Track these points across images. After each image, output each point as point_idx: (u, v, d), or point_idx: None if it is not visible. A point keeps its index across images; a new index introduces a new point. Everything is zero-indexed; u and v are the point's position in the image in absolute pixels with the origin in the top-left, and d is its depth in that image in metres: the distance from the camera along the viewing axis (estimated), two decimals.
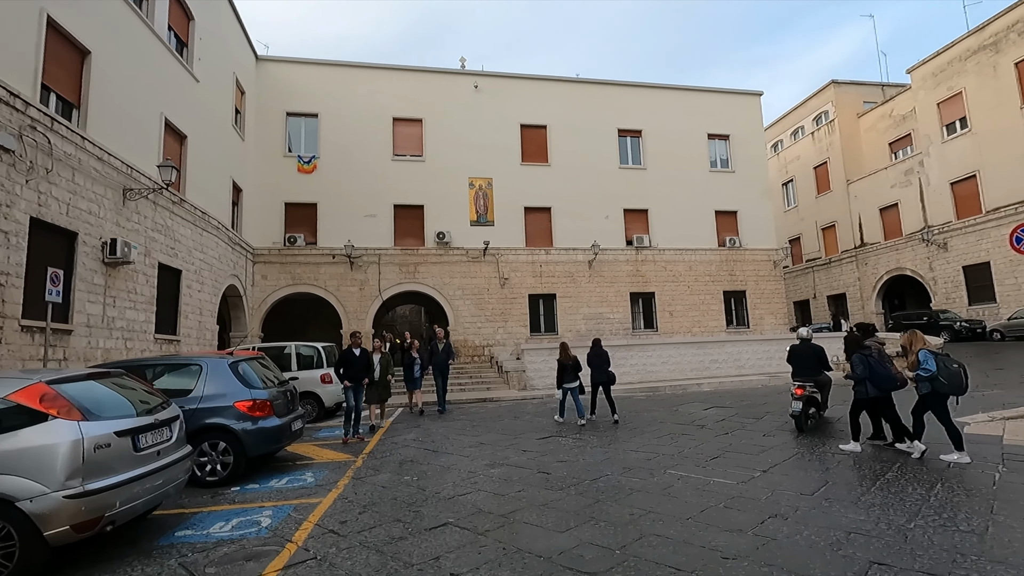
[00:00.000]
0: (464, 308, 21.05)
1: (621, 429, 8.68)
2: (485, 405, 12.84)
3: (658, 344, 17.01)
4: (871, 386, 6.48)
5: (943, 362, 5.99)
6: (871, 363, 6.51)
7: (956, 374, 5.92)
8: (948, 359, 6.05)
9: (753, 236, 24.10)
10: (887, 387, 6.47)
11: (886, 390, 6.49)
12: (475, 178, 21.87)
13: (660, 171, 23.56)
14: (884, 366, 6.51)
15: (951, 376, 5.91)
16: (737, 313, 23.75)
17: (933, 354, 6.03)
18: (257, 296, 19.65)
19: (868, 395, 6.52)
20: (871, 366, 6.49)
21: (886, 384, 6.44)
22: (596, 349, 10.07)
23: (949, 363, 5.99)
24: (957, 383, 5.91)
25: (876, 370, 6.47)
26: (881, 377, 6.43)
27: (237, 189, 18.56)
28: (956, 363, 6.02)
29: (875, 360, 6.53)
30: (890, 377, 6.45)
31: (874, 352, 6.70)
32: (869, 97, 29.95)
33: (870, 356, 6.56)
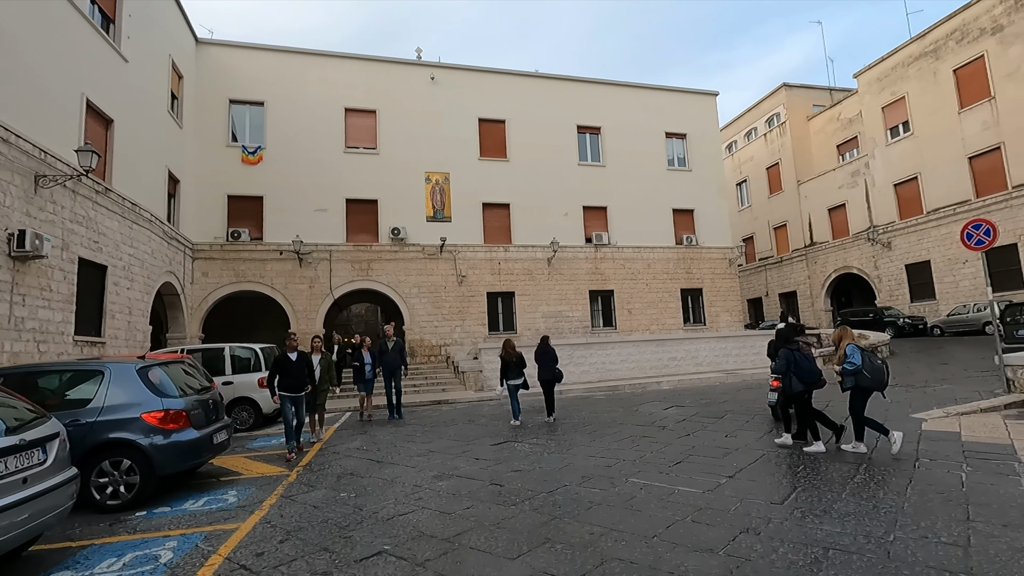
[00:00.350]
0: (420, 307, 20.31)
1: (580, 432, 8.21)
2: (439, 408, 12.19)
3: (617, 342, 16.75)
4: (796, 380, 6.53)
5: (868, 357, 6.12)
6: (796, 358, 6.58)
7: (879, 369, 6.06)
8: (872, 355, 6.19)
9: (709, 234, 24.25)
10: (810, 380, 6.53)
11: (809, 384, 6.55)
12: (432, 172, 21.14)
13: (619, 168, 23.40)
14: (809, 361, 6.64)
15: (874, 371, 6.04)
16: (694, 311, 23.84)
17: (859, 349, 6.14)
18: (197, 295, 18.38)
19: (793, 390, 6.58)
20: (796, 361, 6.56)
21: (809, 378, 6.51)
22: (543, 347, 9.95)
23: (873, 359, 6.14)
24: (879, 378, 6.06)
25: (801, 364, 6.54)
26: (805, 371, 6.50)
27: (174, 180, 17.27)
28: (880, 359, 6.19)
29: (800, 355, 6.61)
30: (813, 371, 6.54)
31: (800, 348, 6.82)
32: (818, 101, 30.73)
33: (796, 351, 6.65)
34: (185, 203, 18.00)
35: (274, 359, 7.87)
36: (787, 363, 6.60)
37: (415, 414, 11.23)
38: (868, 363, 6.08)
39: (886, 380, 6.15)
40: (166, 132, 16.68)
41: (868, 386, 6.11)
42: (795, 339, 6.98)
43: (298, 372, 7.63)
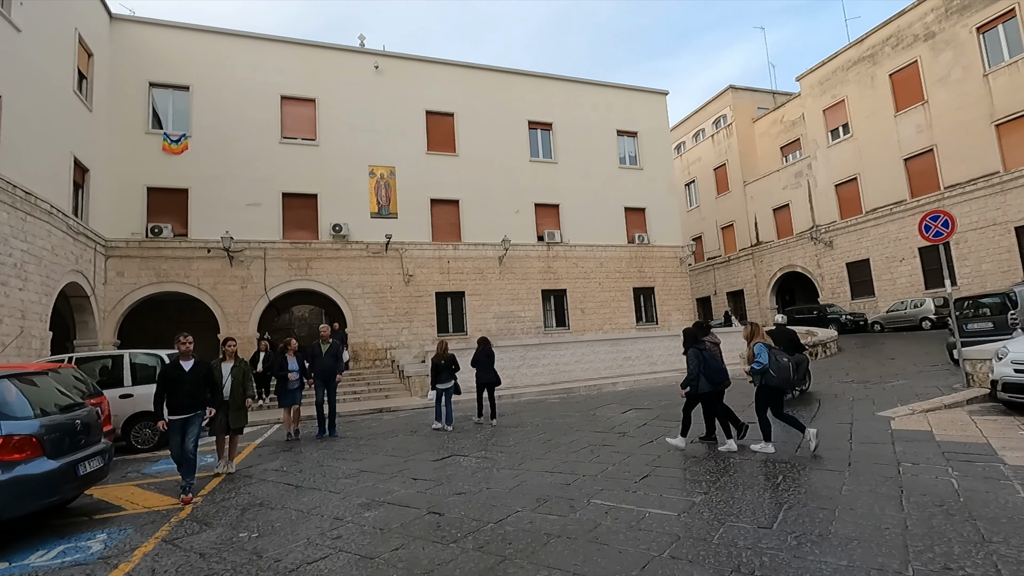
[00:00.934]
0: (364, 308, 19.02)
1: (534, 442, 7.36)
2: (380, 417, 11.06)
3: (571, 342, 16.06)
4: (705, 380, 6.41)
5: (775, 356, 5.99)
6: (705, 357, 6.48)
7: (785, 368, 5.94)
8: (780, 353, 6.07)
9: (661, 233, 24.04)
10: (718, 380, 6.46)
11: (717, 384, 6.47)
12: (376, 166, 19.90)
13: (571, 166, 22.83)
14: (717, 360, 6.56)
15: (780, 370, 5.92)
16: (646, 310, 23.54)
17: (767, 348, 6.05)
18: (111, 296, 16.47)
19: (701, 390, 6.45)
20: (705, 360, 6.45)
21: (717, 377, 6.44)
22: (483, 348, 9.64)
23: (780, 357, 6.01)
24: (785, 377, 5.95)
25: (710, 364, 6.45)
26: (713, 371, 6.43)
27: (82, 168, 15.39)
28: (787, 358, 6.08)
29: (709, 355, 6.53)
30: (721, 370, 6.48)
31: (707, 347, 6.75)
32: (763, 103, 31.27)
33: (704, 351, 6.54)
34: (97, 195, 16.10)
35: (160, 371, 6.22)
36: (698, 363, 6.43)
37: (352, 425, 10.08)
38: (774, 362, 5.94)
39: (792, 379, 6.05)
40: (72, 115, 14.81)
41: (775, 385, 5.97)
42: (702, 339, 6.82)
43: (193, 386, 5.83)
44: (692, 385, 6.48)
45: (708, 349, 6.60)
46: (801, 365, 9.41)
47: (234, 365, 6.83)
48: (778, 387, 6.03)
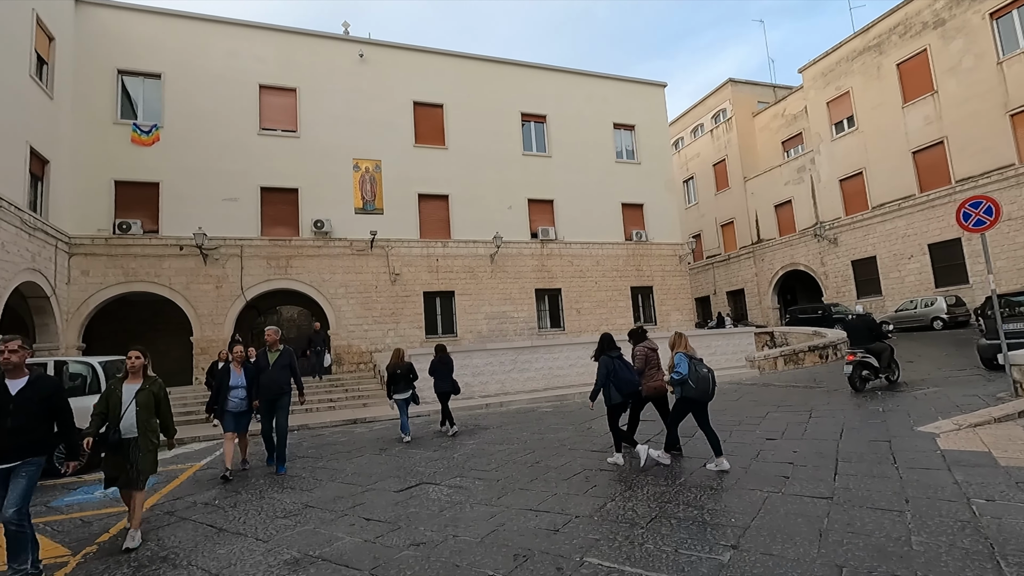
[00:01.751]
0: (348, 308, 17.86)
1: (519, 464, 6.20)
2: (352, 429, 9.87)
3: (565, 344, 14.91)
4: (614, 391, 6.02)
5: (695, 366, 5.76)
6: (615, 367, 6.05)
7: (704, 379, 5.71)
8: (700, 364, 5.83)
9: (659, 229, 22.93)
10: (628, 391, 6.05)
11: (627, 395, 6.08)
12: (361, 159, 18.74)
13: (566, 160, 21.72)
14: (629, 371, 6.16)
15: (699, 381, 5.69)
16: (645, 310, 22.44)
17: (687, 358, 5.81)
18: (75, 297, 15.28)
19: (612, 401, 6.06)
20: (615, 370, 6.03)
21: (627, 388, 6.04)
22: (440, 356, 9.20)
23: (700, 368, 5.77)
24: (703, 389, 5.71)
25: (619, 374, 6.03)
26: (623, 381, 6.01)
27: (40, 160, 14.20)
28: (706, 368, 5.82)
29: (620, 364, 6.12)
30: (630, 381, 6.08)
31: (638, 354, 6.48)
32: (763, 97, 30.20)
33: (616, 359, 6.10)
34: (58, 189, 14.91)
35: None
36: (607, 372, 6.02)
37: (319, 439, 8.91)
38: (694, 372, 5.71)
39: (711, 391, 5.74)
40: (28, 101, 13.62)
41: (694, 396, 5.72)
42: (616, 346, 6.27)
43: (18, 419, 3.71)
44: (604, 395, 6.08)
45: (618, 358, 6.11)
46: (884, 354, 9.68)
47: (140, 387, 4.59)
48: (697, 399, 5.75)
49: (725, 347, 16.40)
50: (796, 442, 6.34)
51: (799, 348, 14.01)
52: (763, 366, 13.64)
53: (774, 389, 10.85)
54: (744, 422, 7.63)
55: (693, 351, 6.05)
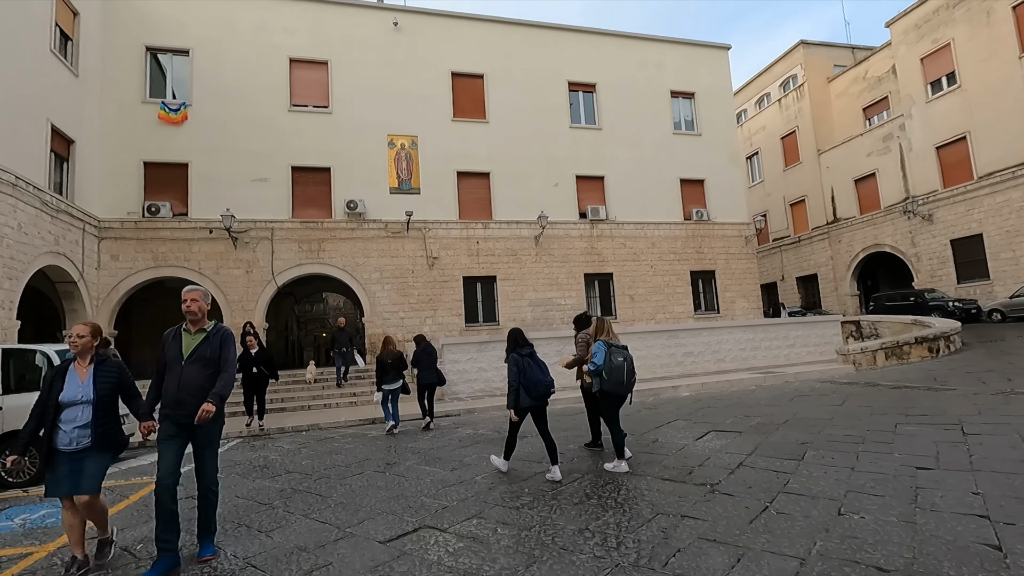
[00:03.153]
0: (383, 295, 16.57)
1: (565, 504, 4.41)
2: (367, 432, 8.35)
3: (619, 334, 12.98)
4: (524, 394, 5.12)
5: (611, 355, 5.20)
6: (525, 365, 5.19)
7: (617, 370, 5.14)
8: (618, 352, 5.25)
9: (722, 208, 20.47)
10: (537, 393, 5.17)
11: (537, 398, 5.18)
12: (396, 135, 17.34)
13: (618, 132, 19.59)
14: (541, 371, 5.26)
15: (612, 371, 5.14)
16: (706, 296, 20.10)
17: (605, 346, 5.27)
18: (105, 283, 14.65)
19: (521, 404, 5.12)
20: (523, 370, 5.16)
21: (536, 390, 5.16)
22: (423, 346, 8.76)
23: (616, 357, 5.19)
24: (616, 380, 5.14)
25: (528, 375, 5.16)
26: (531, 383, 5.15)
27: (64, 139, 13.53)
28: (622, 357, 5.23)
29: (529, 363, 5.24)
30: (540, 382, 5.19)
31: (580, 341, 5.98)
32: (840, 60, 26.81)
33: (527, 357, 5.25)
34: (85, 170, 14.25)
35: None
36: (518, 371, 5.16)
37: (324, 445, 7.45)
38: (608, 363, 5.16)
39: (625, 382, 5.18)
40: (49, 77, 12.91)
41: (607, 389, 5.19)
42: (528, 341, 5.44)
43: None
44: (509, 398, 5.17)
45: (528, 355, 5.25)
46: None
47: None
48: (610, 392, 5.20)
49: (806, 338, 14.02)
50: (966, 475, 4.30)
51: (903, 340, 11.54)
52: (859, 361, 11.28)
53: (884, 391, 8.61)
54: (867, 439, 5.59)
55: (615, 338, 5.47)
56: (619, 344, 5.39)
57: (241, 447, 7.43)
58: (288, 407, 10.40)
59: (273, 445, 7.32)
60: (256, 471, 5.78)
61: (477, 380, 11.58)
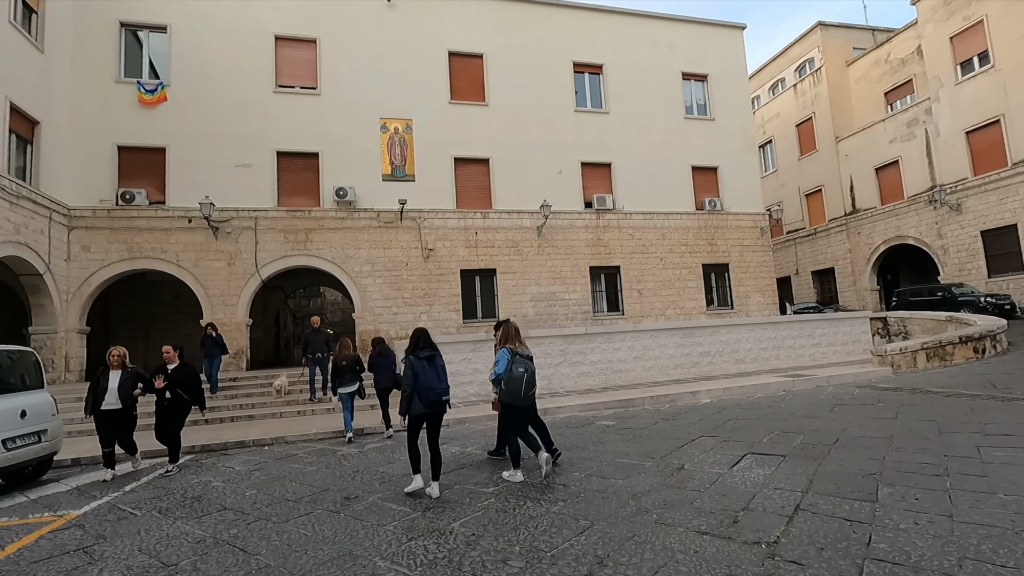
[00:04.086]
0: (375, 289, 15.42)
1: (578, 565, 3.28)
2: (338, 448, 7.17)
3: (629, 331, 11.76)
4: (417, 400, 4.61)
5: (513, 364, 4.93)
6: (419, 370, 4.64)
7: (515, 380, 4.87)
8: (521, 361, 4.97)
9: (736, 197, 19.16)
10: (430, 401, 4.63)
11: (430, 405, 4.65)
12: (389, 119, 16.14)
13: (626, 116, 18.31)
14: (437, 377, 4.72)
15: (510, 382, 4.87)
16: (719, 290, 18.84)
17: (509, 353, 4.99)
18: (76, 276, 13.56)
19: (413, 411, 4.64)
20: (417, 374, 4.63)
21: (428, 398, 4.62)
22: (379, 348, 8.15)
23: (516, 367, 4.91)
24: (513, 391, 4.88)
25: (421, 380, 4.63)
26: (424, 389, 4.62)
27: (27, 120, 12.42)
28: (523, 368, 4.92)
29: (424, 367, 4.66)
30: (433, 389, 4.64)
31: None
32: (860, 43, 25.33)
33: (424, 360, 4.68)
34: (53, 154, 13.13)
35: None
36: (413, 376, 4.62)
37: (281, 467, 6.26)
38: (506, 373, 4.86)
39: (523, 394, 4.85)
40: (8, 51, 11.77)
41: (505, 400, 4.92)
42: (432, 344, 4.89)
43: None
44: (402, 404, 4.72)
45: (432, 359, 4.80)
46: None
47: None
48: (508, 403, 4.93)
49: (833, 336, 12.76)
50: None
51: (946, 339, 10.27)
52: (897, 362, 10.02)
53: (940, 400, 7.38)
54: (951, 469, 4.38)
55: (523, 346, 5.18)
56: (525, 353, 5.11)
57: (185, 469, 6.28)
58: (257, 414, 9.25)
59: (224, 466, 6.15)
60: (184, 506, 4.62)
61: (471, 383, 10.41)
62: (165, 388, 6.12)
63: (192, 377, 6.42)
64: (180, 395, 6.20)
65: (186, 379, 6.32)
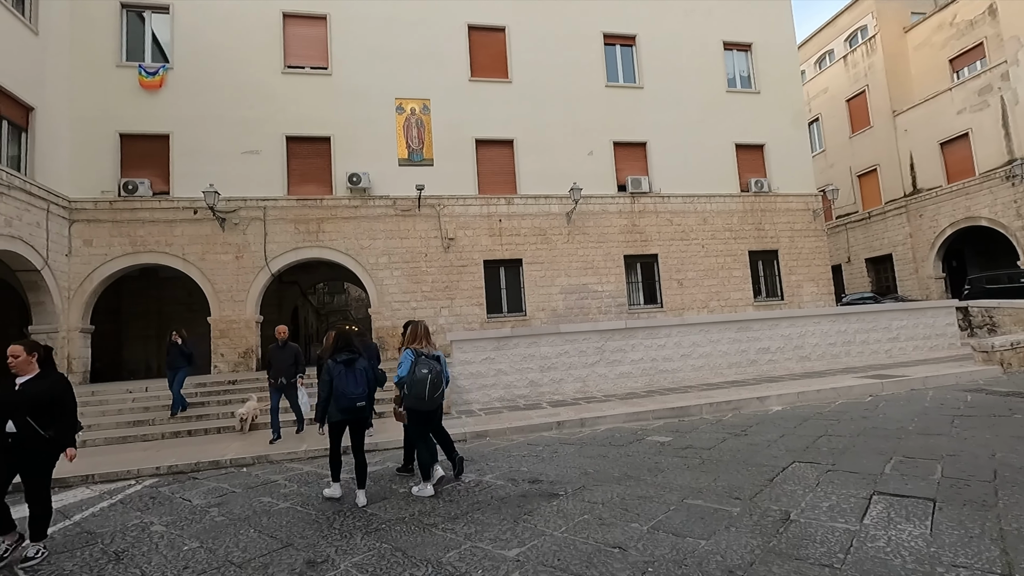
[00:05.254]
0: (391, 282, 14.19)
1: None
2: (317, 479, 5.89)
3: (676, 325, 10.17)
4: (333, 407, 4.39)
5: (417, 366, 4.51)
6: (336, 374, 4.39)
7: (418, 384, 4.45)
8: (426, 362, 4.54)
9: (785, 177, 17.26)
10: (345, 408, 4.36)
11: (346, 412, 4.39)
12: (405, 99, 14.86)
13: (662, 91, 16.61)
14: (355, 383, 4.39)
15: (413, 384, 4.46)
16: (768, 280, 17.00)
17: (413, 354, 4.57)
18: (78, 271, 12.70)
19: (331, 419, 4.44)
20: (334, 378, 4.38)
21: (342, 404, 4.34)
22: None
23: (420, 368, 4.50)
24: (417, 395, 4.46)
25: (337, 386, 4.35)
26: (341, 396, 4.34)
27: (20, 105, 11.54)
28: (427, 369, 4.50)
29: (343, 371, 4.39)
30: (348, 396, 4.34)
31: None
32: (918, 7, 22.88)
33: (342, 364, 4.41)
34: (50, 142, 12.27)
35: None
36: (329, 380, 4.40)
37: (257, 497, 5.05)
38: (411, 374, 4.47)
39: (427, 398, 4.44)
40: (2, 33, 10.88)
41: (409, 405, 4.54)
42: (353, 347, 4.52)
43: None
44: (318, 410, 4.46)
45: (350, 363, 4.40)
46: None
47: None
48: (412, 407, 4.54)
49: (913, 329, 10.91)
50: None
51: None
52: (1009, 360, 8.20)
53: None
54: None
55: (431, 346, 4.70)
56: (431, 354, 4.69)
57: (135, 499, 5.05)
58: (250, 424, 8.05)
59: (181, 497, 4.88)
60: (93, 570, 3.36)
61: (495, 386, 9.02)
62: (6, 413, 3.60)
63: (56, 396, 3.73)
64: (33, 427, 3.59)
65: (45, 400, 3.67)
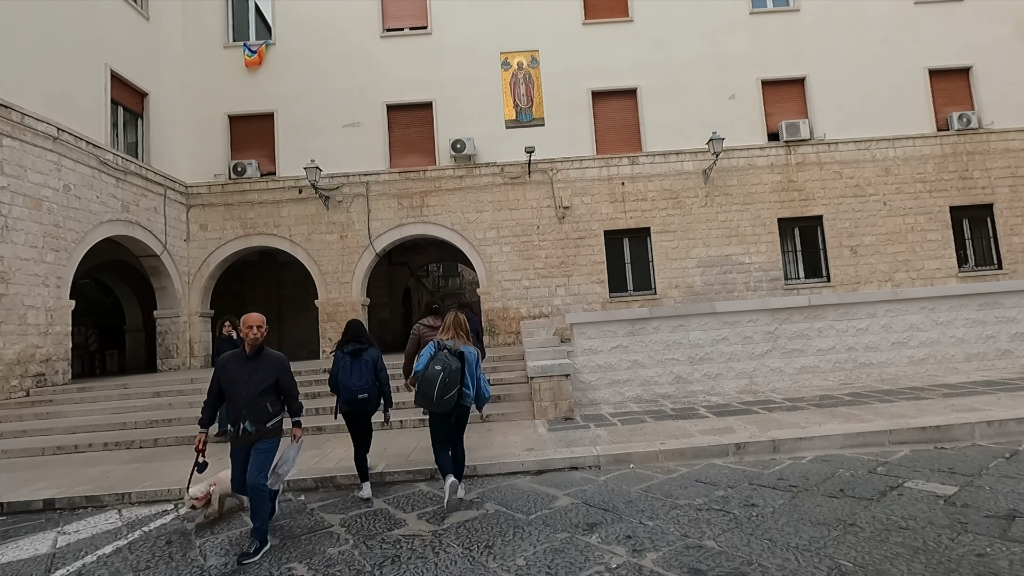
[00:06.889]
0: (501, 258, 12.58)
1: None
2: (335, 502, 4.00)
3: (884, 300, 7.29)
4: (340, 400, 4.19)
5: (432, 362, 3.79)
6: (340, 366, 4.16)
7: (428, 381, 3.73)
8: (443, 358, 3.78)
9: (1004, 108, 12.94)
10: (346, 400, 4.14)
11: (349, 404, 4.16)
12: (511, 53, 13.04)
13: (824, 9, 13.14)
14: (358, 375, 4.13)
15: (423, 381, 3.77)
16: (977, 244, 12.95)
17: (436, 348, 3.90)
18: (196, 255, 12.62)
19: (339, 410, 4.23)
20: (339, 370, 4.17)
21: (344, 396, 4.14)
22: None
23: (435, 364, 3.77)
24: (425, 393, 3.76)
25: (340, 379, 4.14)
26: (342, 389, 4.14)
27: (135, 91, 11.44)
28: (441, 365, 3.75)
29: (348, 361, 4.15)
30: (348, 389, 4.10)
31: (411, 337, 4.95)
32: None
33: (347, 356, 4.17)
34: (165, 127, 12.17)
35: None
36: (335, 372, 4.20)
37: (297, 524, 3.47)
38: (424, 369, 3.80)
39: (435, 398, 3.70)
40: (108, 17, 10.74)
41: (417, 403, 3.92)
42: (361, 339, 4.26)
43: None
44: None
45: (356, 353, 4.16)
46: None
47: None
48: (421, 406, 3.95)
49: None
50: None
51: None
52: None
53: None
54: None
55: (462, 339, 3.98)
56: (454, 348, 3.87)
57: (152, 540, 3.77)
58: (328, 424, 6.75)
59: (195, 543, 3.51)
60: None
61: (629, 382, 6.96)
62: None
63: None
64: None
65: None
